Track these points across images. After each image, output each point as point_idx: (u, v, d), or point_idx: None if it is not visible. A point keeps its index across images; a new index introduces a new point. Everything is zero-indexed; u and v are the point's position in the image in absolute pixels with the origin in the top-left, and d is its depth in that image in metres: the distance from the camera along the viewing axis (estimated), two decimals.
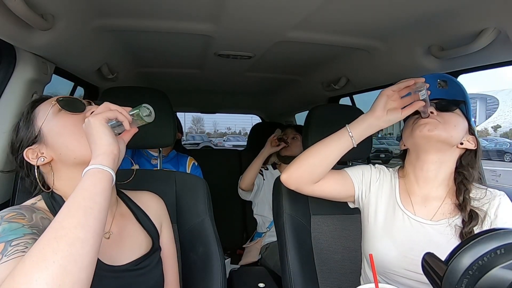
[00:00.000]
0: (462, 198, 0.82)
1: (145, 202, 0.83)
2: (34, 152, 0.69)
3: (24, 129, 0.70)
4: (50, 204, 0.68)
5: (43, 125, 0.68)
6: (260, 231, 1.98)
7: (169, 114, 1.14)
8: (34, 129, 0.69)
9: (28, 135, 0.69)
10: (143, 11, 1.03)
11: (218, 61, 1.55)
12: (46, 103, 0.70)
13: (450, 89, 0.88)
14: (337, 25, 1.10)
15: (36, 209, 0.63)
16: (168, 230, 0.87)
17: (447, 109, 0.84)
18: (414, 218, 0.85)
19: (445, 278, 0.47)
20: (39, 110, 0.70)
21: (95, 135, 0.60)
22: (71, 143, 0.67)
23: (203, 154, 2.30)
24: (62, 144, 0.68)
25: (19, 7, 0.69)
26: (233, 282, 1.36)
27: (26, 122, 0.70)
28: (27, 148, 0.69)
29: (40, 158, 0.68)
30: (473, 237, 0.47)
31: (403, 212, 0.87)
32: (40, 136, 0.69)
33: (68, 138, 0.67)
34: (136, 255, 0.74)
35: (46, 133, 0.68)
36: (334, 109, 1.40)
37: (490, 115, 25.17)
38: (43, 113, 0.69)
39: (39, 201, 0.69)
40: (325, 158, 0.88)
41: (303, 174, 0.89)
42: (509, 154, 11.31)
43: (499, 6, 0.82)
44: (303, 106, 2.53)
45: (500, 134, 19.80)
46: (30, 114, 0.70)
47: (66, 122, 0.68)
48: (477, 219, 0.79)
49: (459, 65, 1.12)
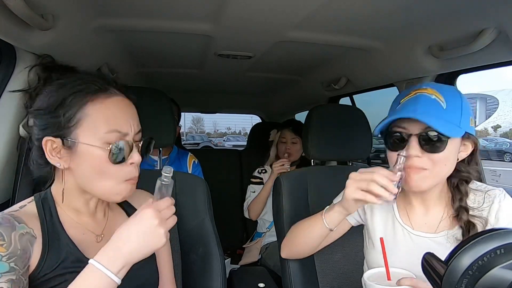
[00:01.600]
0: (457, 207, 0.79)
1: (139, 201, 0.82)
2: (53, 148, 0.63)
3: (59, 110, 0.62)
4: (40, 209, 0.66)
5: (83, 141, 0.62)
6: (260, 231, 1.98)
7: (169, 114, 1.14)
8: (70, 126, 0.62)
9: (58, 123, 0.62)
10: (143, 11, 1.03)
11: (218, 61, 1.55)
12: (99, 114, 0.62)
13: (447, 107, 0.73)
14: (337, 25, 1.10)
15: (18, 222, 0.60)
16: None
17: (436, 150, 0.73)
18: (414, 232, 0.83)
19: (445, 278, 0.47)
20: (90, 114, 0.62)
21: (140, 234, 0.58)
22: (96, 181, 0.64)
23: (203, 154, 2.29)
24: (88, 175, 0.64)
25: (19, 7, 0.69)
26: (233, 282, 1.37)
27: (66, 104, 0.62)
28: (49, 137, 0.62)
29: (57, 162, 0.63)
30: (473, 237, 0.47)
31: (403, 227, 0.84)
32: (70, 141, 0.62)
33: (96, 176, 0.64)
34: None
35: (79, 151, 0.62)
36: (334, 109, 1.40)
37: (490, 115, 25.16)
38: (91, 130, 0.62)
39: (30, 203, 0.67)
40: (309, 242, 0.92)
41: (299, 253, 0.99)
42: (509, 154, 11.30)
43: (499, 6, 0.82)
44: (303, 106, 2.53)
45: (500, 134, 19.79)
46: (78, 102, 0.62)
47: (104, 158, 0.62)
48: (475, 229, 0.76)
49: (459, 65, 1.12)
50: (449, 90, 0.76)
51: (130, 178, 0.67)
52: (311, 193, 1.16)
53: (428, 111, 0.72)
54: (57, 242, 0.64)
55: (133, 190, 0.70)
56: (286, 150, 1.91)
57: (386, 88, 1.61)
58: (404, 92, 0.81)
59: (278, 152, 1.97)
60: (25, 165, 0.94)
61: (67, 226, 0.67)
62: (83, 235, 0.69)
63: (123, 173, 0.65)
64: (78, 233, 0.68)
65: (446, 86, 0.78)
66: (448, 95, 0.74)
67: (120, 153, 0.63)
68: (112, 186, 0.65)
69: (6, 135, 0.92)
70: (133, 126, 0.67)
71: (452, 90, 0.77)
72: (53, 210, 0.67)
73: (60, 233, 0.66)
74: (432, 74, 1.26)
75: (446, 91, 0.75)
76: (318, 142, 1.23)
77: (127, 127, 0.65)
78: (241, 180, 2.45)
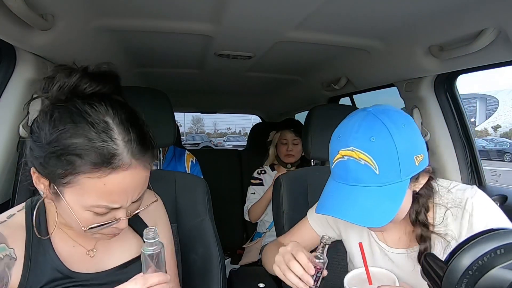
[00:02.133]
0: (414, 220, 0.74)
1: None
2: (40, 181, 0.57)
3: (52, 159, 0.53)
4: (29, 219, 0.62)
5: (67, 200, 0.55)
6: (260, 231, 1.98)
7: (169, 114, 1.14)
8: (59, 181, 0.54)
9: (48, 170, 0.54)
10: (143, 11, 1.03)
11: (218, 61, 1.54)
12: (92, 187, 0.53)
13: (381, 171, 0.63)
14: (337, 25, 1.10)
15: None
16: (165, 230, 0.83)
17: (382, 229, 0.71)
18: (389, 250, 0.81)
19: (445, 278, 0.47)
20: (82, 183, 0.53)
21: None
22: (76, 228, 0.59)
23: (203, 154, 2.30)
24: (68, 220, 0.60)
25: (19, 7, 0.69)
26: (233, 282, 1.37)
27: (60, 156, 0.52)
28: (37, 172, 0.56)
29: (41, 191, 0.58)
30: (473, 237, 0.47)
31: (378, 245, 0.83)
32: (56, 190, 0.55)
33: (77, 227, 0.57)
34: (124, 259, 0.70)
35: (62, 202, 0.56)
36: (334, 109, 1.40)
37: (490, 115, 25.15)
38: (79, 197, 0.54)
39: (19, 212, 0.64)
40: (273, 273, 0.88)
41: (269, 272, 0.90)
42: (509, 154, 11.31)
43: (499, 6, 0.82)
44: (303, 106, 2.53)
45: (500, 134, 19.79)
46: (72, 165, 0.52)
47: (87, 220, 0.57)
48: (426, 244, 0.72)
49: (459, 65, 1.12)
50: (379, 141, 0.63)
51: (110, 234, 0.62)
52: (311, 193, 1.16)
53: (359, 181, 0.65)
54: (42, 258, 0.61)
55: (115, 236, 0.64)
56: (288, 151, 1.90)
57: (386, 88, 1.61)
58: (334, 143, 0.72)
59: (279, 153, 1.97)
60: (25, 165, 0.94)
61: (56, 239, 0.64)
62: (73, 248, 0.66)
63: (100, 232, 0.60)
64: (68, 247, 0.65)
65: (376, 134, 0.64)
66: (379, 152, 0.63)
67: (100, 227, 0.57)
68: (87, 235, 0.60)
69: (6, 135, 0.92)
70: (133, 197, 0.58)
71: (382, 142, 0.63)
72: (42, 222, 0.64)
73: (46, 248, 0.62)
74: (432, 74, 1.26)
75: (375, 146, 0.63)
76: (318, 142, 1.23)
77: (122, 201, 0.57)
78: (241, 180, 2.45)
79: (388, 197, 0.64)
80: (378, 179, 0.64)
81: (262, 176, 1.98)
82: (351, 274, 0.73)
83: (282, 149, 1.93)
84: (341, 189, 0.68)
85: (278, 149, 1.97)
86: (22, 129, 0.93)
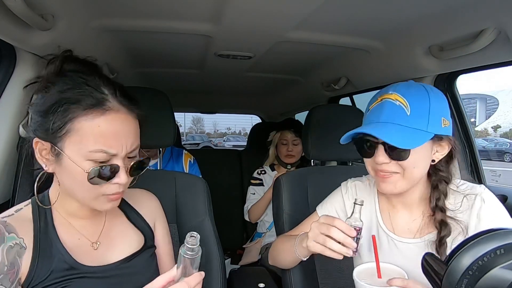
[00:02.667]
0: (433, 206, 0.78)
1: (138, 200, 0.82)
2: (42, 149, 0.62)
3: (51, 116, 0.58)
4: (35, 212, 0.65)
5: (67, 153, 0.59)
6: (260, 231, 1.98)
7: (169, 114, 1.14)
8: (58, 135, 0.59)
9: (48, 128, 0.59)
10: (143, 11, 1.03)
11: (218, 61, 1.55)
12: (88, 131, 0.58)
13: (412, 113, 0.72)
14: (337, 25, 1.10)
15: (9, 232, 0.59)
16: (163, 228, 0.85)
17: (401, 158, 0.73)
18: (397, 239, 0.82)
19: (445, 278, 0.47)
20: (78, 128, 0.58)
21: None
22: (76, 191, 0.63)
23: (203, 154, 2.30)
24: (68, 185, 0.63)
25: (19, 7, 0.69)
26: (233, 282, 1.36)
27: (58, 112, 0.58)
28: (38, 139, 0.61)
29: (43, 164, 0.62)
30: (473, 237, 0.47)
31: (387, 234, 0.84)
32: (57, 150, 0.60)
33: (75, 187, 0.62)
34: (126, 253, 0.72)
35: (63, 161, 0.60)
36: (334, 109, 1.40)
37: (490, 115, 25.15)
38: (77, 145, 0.58)
39: (26, 207, 0.67)
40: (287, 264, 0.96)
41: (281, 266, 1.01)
42: (509, 154, 11.32)
43: (499, 6, 0.82)
44: (303, 106, 2.53)
45: (500, 134, 19.79)
46: (70, 113, 0.58)
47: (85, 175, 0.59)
48: (447, 229, 0.75)
49: (459, 65, 1.12)
50: (416, 93, 0.73)
51: (110, 194, 0.63)
52: (311, 193, 1.16)
53: (391, 119, 0.72)
54: (49, 249, 0.63)
55: (118, 203, 0.67)
56: (288, 152, 1.90)
57: None
58: (373, 98, 0.80)
59: (279, 154, 1.97)
60: (25, 165, 0.94)
61: (62, 231, 0.66)
62: (78, 240, 0.68)
63: (104, 189, 0.62)
64: (73, 239, 0.67)
65: (415, 89, 0.75)
66: (414, 100, 0.72)
67: (102, 175, 0.60)
68: (91, 199, 0.63)
69: (6, 135, 0.92)
70: (126, 145, 0.62)
71: (419, 93, 0.73)
72: (48, 215, 0.66)
73: (53, 239, 0.64)
74: (432, 74, 1.26)
75: (412, 95, 0.73)
76: (318, 142, 1.23)
77: (118, 147, 0.60)
78: (241, 180, 2.45)
79: (412, 138, 0.70)
80: (408, 120, 0.71)
81: (262, 176, 1.98)
82: (360, 268, 0.74)
83: (282, 150, 1.93)
84: (373, 125, 0.74)
85: (278, 150, 1.97)
86: (22, 129, 0.93)
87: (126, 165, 0.63)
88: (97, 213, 0.72)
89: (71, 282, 0.63)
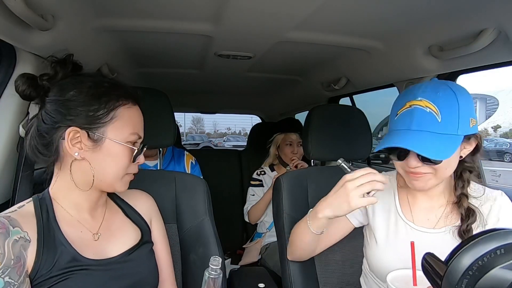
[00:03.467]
0: (459, 194, 0.81)
1: (134, 199, 0.85)
2: (75, 137, 0.66)
3: (96, 105, 0.66)
4: (37, 208, 0.67)
5: (111, 137, 0.67)
6: (260, 232, 1.98)
7: (169, 114, 1.14)
8: (103, 121, 0.67)
9: (91, 116, 0.66)
10: (143, 11, 1.03)
11: (218, 61, 1.55)
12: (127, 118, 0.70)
13: (443, 119, 0.72)
14: (337, 25, 1.10)
15: (13, 226, 0.61)
16: (159, 226, 0.88)
17: (435, 163, 0.74)
18: (416, 228, 0.83)
19: (445, 278, 0.47)
20: (121, 115, 0.69)
21: None
22: (111, 171, 0.69)
23: (203, 155, 2.30)
24: (104, 166, 0.69)
25: (19, 7, 0.69)
26: (233, 282, 1.36)
27: (103, 101, 0.67)
28: (76, 128, 0.65)
29: (75, 152, 0.66)
30: (473, 237, 0.47)
31: (405, 223, 0.85)
32: (97, 136, 0.67)
33: (113, 167, 0.69)
34: (126, 247, 0.75)
35: (105, 145, 0.67)
36: (334, 109, 1.40)
37: (490, 115, 25.16)
38: (119, 130, 0.68)
39: (28, 203, 0.68)
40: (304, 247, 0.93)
41: (300, 257, 1.00)
42: (509, 154, 11.30)
43: (499, 6, 0.82)
44: (303, 106, 2.53)
45: (500, 134, 19.77)
46: (114, 103, 0.68)
47: (125, 154, 0.70)
48: (474, 216, 0.78)
49: (459, 65, 1.12)
50: (445, 97, 0.73)
51: (133, 172, 0.74)
52: (311, 193, 1.16)
53: (422, 127, 0.73)
54: (52, 241, 0.65)
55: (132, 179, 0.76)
56: (293, 154, 1.91)
57: (386, 88, 1.61)
58: (399, 102, 0.79)
59: (283, 154, 1.97)
60: (25, 165, 0.94)
61: (64, 224, 0.68)
62: (81, 233, 0.70)
63: (130, 168, 0.72)
64: (76, 231, 0.69)
65: (443, 92, 0.74)
66: (444, 105, 0.73)
67: (137, 153, 0.71)
68: (119, 178, 0.71)
69: (6, 135, 0.92)
70: (142, 132, 0.75)
71: (448, 97, 0.74)
72: (50, 209, 0.68)
73: (55, 232, 0.66)
74: (432, 74, 1.26)
75: (441, 100, 0.73)
76: (318, 142, 1.23)
77: (142, 132, 0.74)
78: (241, 180, 2.45)
79: (445, 145, 0.72)
80: (439, 126, 0.72)
81: (262, 177, 1.98)
82: (395, 273, 0.73)
83: (287, 151, 1.93)
84: (404, 133, 0.75)
85: (282, 150, 1.97)
86: (22, 129, 0.93)
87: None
88: (99, 205, 0.76)
89: (74, 274, 0.64)
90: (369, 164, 2.13)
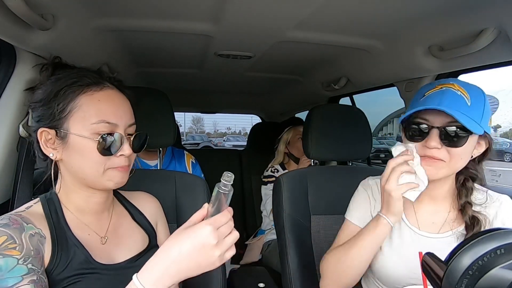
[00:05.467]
0: (463, 202, 0.80)
1: (140, 202, 0.84)
2: (48, 139, 0.65)
3: (53, 102, 0.64)
4: (46, 209, 0.67)
5: (73, 131, 0.63)
6: (264, 229, 1.98)
7: (169, 114, 1.14)
8: (62, 117, 0.63)
9: (52, 114, 0.64)
10: (143, 11, 1.03)
11: (218, 61, 1.55)
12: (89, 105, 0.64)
13: (472, 105, 0.73)
14: (337, 25, 1.10)
15: (26, 222, 0.61)
16: (164, 229, 0.87)
17: (455, 145, 0.74)
18: (420, 233, 0.83)
19: (445, 278, 0.47)
20: (80, 104, 0.63)
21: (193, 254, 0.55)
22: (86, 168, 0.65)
23: (203, 154, 2.29)
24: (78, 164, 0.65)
25: (19, 7, 0.69)
26: (233, 282, 1.36)
27: (59, 96, 0.64)
28: (43, 128, 0.65)
29: (50, 153, 0.65)
30: (473, 237, 0.47)
31: (409, 228, 0.85)
32: (63, 132, 0.64)
33: (86, 164, 0.65)
34: (133, 252, 0.74)
35: (71, 141, 0.64)
36: (334, 109, 1.40)
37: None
38: (81, 121, 0.63)
39: (36, 204, 0.68)
40: (362, 266, 0.82)
41: (347, 284, 0.85)
42: (509, 154, 11.30)
43: (499, 6, 0.82)
44: (303, 106, 2.53)
45: (500, 134, 19.75)
46: (71, 94, 0.63)
47: (91, 148, 0.64)
48: (480, 224, 0.77)
49: (459, 65, 1.12)
50: (474, 88, 0.76)
51: (118, 166, 0.67)
52: (311, 193, 1.16)
53: (453, 106, 0.72)
54: (65, 242, 0.65)
55: (127, 177, 0.70)
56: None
57: (386, 88, 1.61)
58: (428, 85, 0.80)
59: (295, 150, 1.96)
60: (25, 165, 0.94)
61: (73, 227, 0.68)
62: (89, 235, 0.70)
63: (111, 162, 0.66)
64: (84, 234, 0.69)
65: (471, 85, 0.77)
66: (473, 93, 0.75)
67: (109, 145, 0.64)
68: (100, 174, 0.66)
69: (6, 135, 0.92)
70: (124, 118, 0.67)
71: (476, 89, 0.76)
72: (59, 210, 0.68)
73: (67, 233, 0.66)
74: (432, 74, 1.26)
75: (471, 89, 0.76)
76: (318, 142, 1.23)
77: (116, 118, 0.66)
78: (241, 180, 2.45)
79: (473, 126, 0.71)
80: (468, 110, 0.72)
81: (276, 174, 1.98)
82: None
83: (299, 145, 1.92)
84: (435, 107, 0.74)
85: (294, 145, 1.97)
86: (22, 129, 0.93)
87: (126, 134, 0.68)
88: (104, 208, 0.74)
89: (85, 276, 0.64)
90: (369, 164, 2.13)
